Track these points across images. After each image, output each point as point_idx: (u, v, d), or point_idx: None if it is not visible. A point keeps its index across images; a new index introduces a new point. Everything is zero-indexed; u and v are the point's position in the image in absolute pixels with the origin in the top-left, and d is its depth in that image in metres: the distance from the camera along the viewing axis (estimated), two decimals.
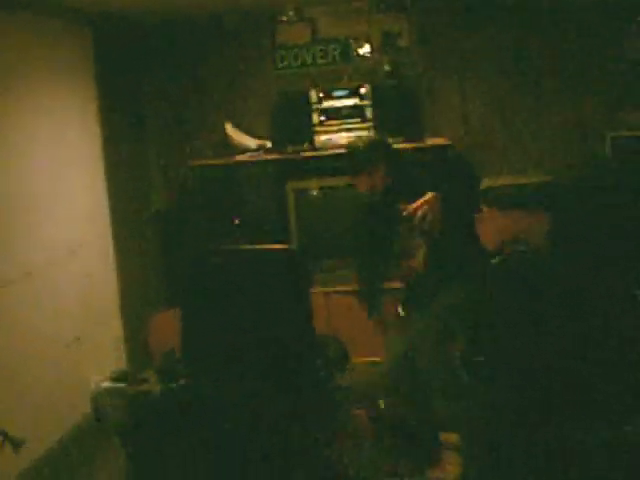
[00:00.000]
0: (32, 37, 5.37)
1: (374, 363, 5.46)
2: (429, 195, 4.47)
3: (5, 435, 3.93)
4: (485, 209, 6.36)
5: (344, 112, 6.73)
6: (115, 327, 6.29)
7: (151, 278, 6.94)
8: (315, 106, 6.76)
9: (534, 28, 6.80)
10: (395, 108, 6.69)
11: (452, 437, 4.69)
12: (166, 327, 5.93)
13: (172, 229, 6.97)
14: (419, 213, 4.46)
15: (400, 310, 5.09)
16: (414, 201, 4.49)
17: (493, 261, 4.61)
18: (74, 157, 5.84)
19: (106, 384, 5.82)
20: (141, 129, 7.02)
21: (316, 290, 5.97)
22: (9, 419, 4.20)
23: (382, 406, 5.04)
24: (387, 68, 6.88)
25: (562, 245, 4.04)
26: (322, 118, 6.76)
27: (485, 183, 6.42)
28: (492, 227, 6.06)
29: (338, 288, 6.43)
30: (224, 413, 4.49)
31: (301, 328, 4.65)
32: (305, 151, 6.73)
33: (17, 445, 3.99)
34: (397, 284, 5.21)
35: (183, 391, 4.56)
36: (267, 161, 6.87)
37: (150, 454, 4.27)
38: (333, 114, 6.74)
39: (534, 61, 6.84)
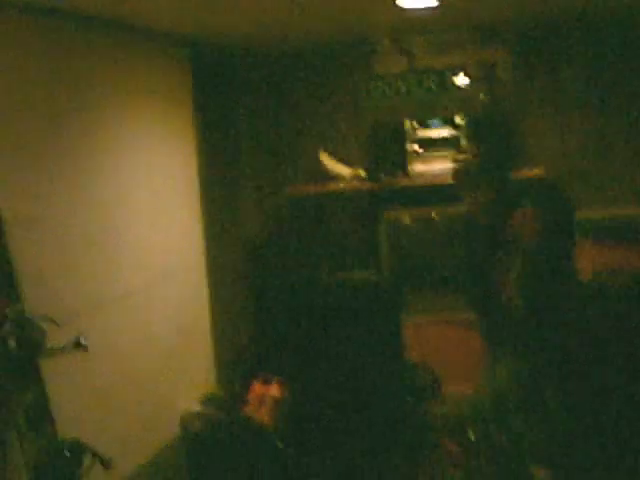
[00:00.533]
0: (135, 61, 5.48)
1: (465, 393, 5.40)
2: (524, 210, 4.45)
3: (95, 455, 3.96)
4: (580, 240, 6.29)
5: (438, 142, 6.71)
6: (207, 352, 6.33)
7: (244, 306, 6.97)
8: (410, 135, 6.75)
9: (633, 58, 6.70)
10: (490, 138, 6.65)
11: (546, 472, 4.62)
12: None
13: (266, 257, 7.00)
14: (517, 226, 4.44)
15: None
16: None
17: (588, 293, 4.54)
18: (172, 183, 5.92)
19: (196, 407, 5.88)
20: (236, 158, 7.08)
21: (409, 320, 5.93)
22: (100, 439, 4.23)
23: (472, 437, 4.97)
24: (482, 98, 6.84)
25: None
26: (416, 147, 6.75)
27: (581, 215, 6.34)
28: (587, 258, 5.98)
29: (430, 317, 6.39)
30: (311, 440, 4.49)
31: (389, 356, 4.63)
32: (399, 180, 6.72)
33: (107, 465, 4.02)
34: None
35: None
36: (360, 190, 6.86)
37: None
38: (427, 144, 6.73)
39: (633, 92, 6.74)
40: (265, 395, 4.54)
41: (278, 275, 6.90)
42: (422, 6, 5.35)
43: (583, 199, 6.53)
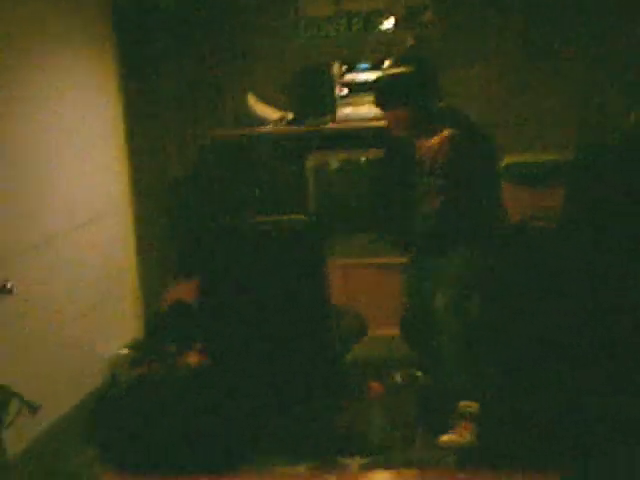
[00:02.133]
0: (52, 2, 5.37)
1: (391, 336, 5.45)
2: (444, 133, 4.45)
3: (22, 399, 3.94)
4: (507, 185, 6.35)
5: (367, 85, 6.69)
6: (134, 296, 6.31)
7: (169, 248, 6.93)
8: (338, 79, 6.73)
9: (558, 6, 6.74)
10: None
11: (469, 405, 4.70)
12: (185, 296, 5.93)
13: (190, 199, 6.96)
14: (431, 152, 4.45)
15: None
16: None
17: (514, 237, 4.60)
18: (95, 125, 5.84)
19: (123, 352, 5.87)
20: (161, 98, 7.00)
21: (334, 262, 5.95)
22: (26, 384, 4.21)
23: (398, 379, 5.04)
24: (410, 42, 6.83)
25: (577, 222, 4.02)
26: (344, 91, 6.73)
27: (505, 160, 6.40)
28: (511, 203, 6.05)
29: (357, 260, 6.41)
30: (237, 381, 4.51)
31: (316, 298, 4.65)
32: (326, 124, 6.71)
33: (34, 409, 4.01)
34: None
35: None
36: (288, 133, 6.84)
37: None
38: (355, 87, 6.71)
39: (558, 37, 6.78)
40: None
41: (203, 219, 6.87)
42: None
43: (507, 145, 6.63)
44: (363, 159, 6.63)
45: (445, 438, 4.44)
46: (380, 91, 4.87)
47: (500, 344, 4.23)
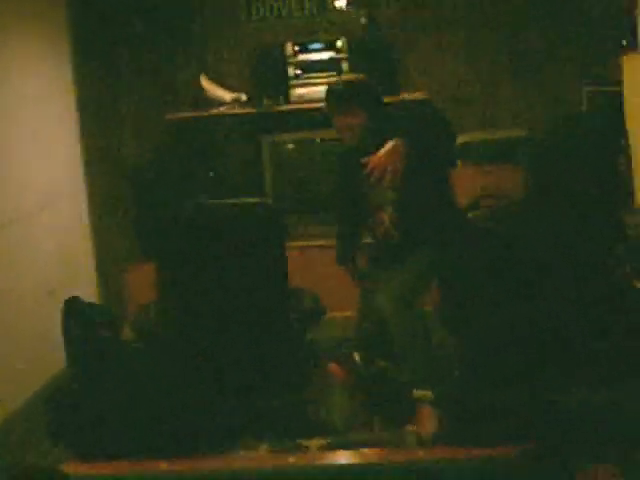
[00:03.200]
0: None
1: (349, 317, 5.47)
2: (390, 145, 4.33)
3: None
4: (461, 164, 6.39)
5: (320, 66, 6.69)
6: (90, 281, 6.28)
7: (126, 232, 6.91)
8: (291, 59, 6.72)
9: None
10: (371, 62, 6.65)
11: (427, 393, 4.73)
12: (141, 280, 5.92)
13: (146, 182, 6.94)
14: (380, 166, 4.35)
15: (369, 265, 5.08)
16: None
17: (468, 216, 4.62)
18: (48, 110, 5.79)
19: None
20: (115, 80, 6.95)
21: (291, 244, 5.95)
22: None
23: (357, 359, 5.05)
24: (364, 21, 6.83)
25: (537, 199, 4.04)
26: (298, 71, 6.73)
27: (461, 139, 6.43)
28: (467, 182, 6.08)
29: (313, 242, 6.43)
30: (195, 363, 4.51)
31: (275, 281, 4.65)
32: (280, 105, 6.70)
33: None
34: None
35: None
36: (242, 114, 6.83)
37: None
38: (309, 67, 6.71)
39: (510, 14, 6.82)
40: None
41: (158, 202, 6.85)
42: None
43: (464, 123, 6.66)
44: (318, 139, 6.64)
45: (408, 429, 4.47)
46: (333, 95, 4.74)
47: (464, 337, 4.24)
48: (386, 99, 6.30)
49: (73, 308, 4.34)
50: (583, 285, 3.75)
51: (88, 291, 6.23)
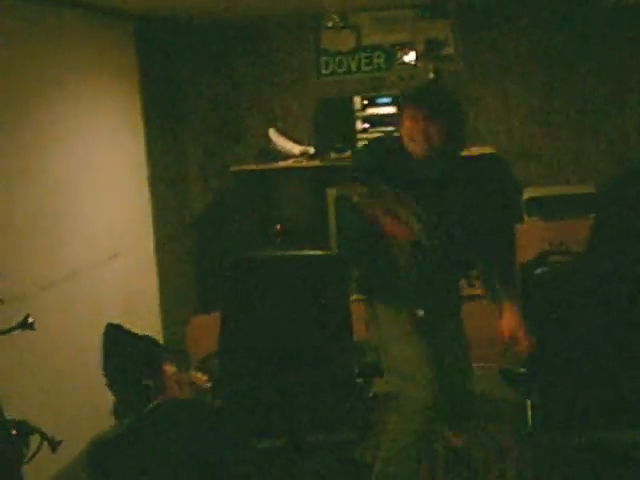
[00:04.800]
0: (79, 36, 5.41)
1: None
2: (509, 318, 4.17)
3: (42, 435, 3.93)
4: (527, 219, 6.34)
5: (387, 119, 6.71)
6: (154, 330, 6.29)
7: (190, 283, 6.95)
8: (359, 113, 6.75)
9: (579, 37, 6.75)
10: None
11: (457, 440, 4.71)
12: (204, 331, 5.93)
13: (211, 234, 6.99)
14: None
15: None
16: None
17: (536, 272, 4.56)
18: (119, 160, 5.87)
19: None
20: (182, 134, 7.04)
21: (356, 297, 5.93)
22: (47, 420, 4.20)
23: None
24: (431, 76, 6.85)
25: (603, 252, 4.00)
26: (365, 125, 6.75)
27: (528, 193, 6.39)
28: (534, 237, 6.04)
29: None
30: (257, 418, 4.50)
31: (339, 333, 4.64)
32: (348, 158, 6.71)
33: (54, 445, 3.99)
34: None
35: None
36: (309, 167, 6.86)
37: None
38: (376, 121, 6.73)
39: (576, 70, 6.80)
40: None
41: (223, 253, 6.89)
42: None
43: (530, 178, 6.63)
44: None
45: None
46: (426, 95, 4.32)
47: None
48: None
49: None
50: None
51: None
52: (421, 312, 4.38)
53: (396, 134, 4.40)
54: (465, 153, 6.26)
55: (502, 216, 4.47)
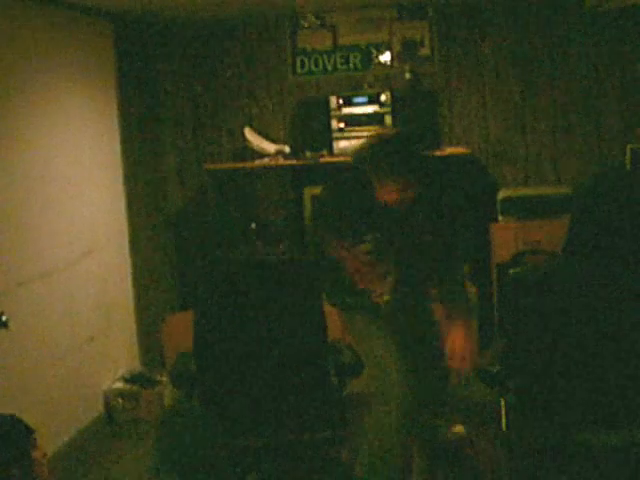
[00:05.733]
0: (57, 33, 5.39)
1: None
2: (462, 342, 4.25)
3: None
4: (502, 219, 6.37)
5: (363, 119, 6.72)
6: (129, 328, 6.29)
7: (166, 281, 6.94)
8: (334, 112, 6.76)
9: (552, 38, 6.79)
10: (414, 116, 6.69)
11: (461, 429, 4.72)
12: (180, 329, 5.93)
13: (186, 233, 6.99)
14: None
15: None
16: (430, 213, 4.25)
17: (511, 271, 4.58)
18: (94, 157, 5.85)
19: (119, 385, 5.85)
20: (159, 132, 7.02)
21: None
22: (22, 417, 4.18)
23: None
24: (408, 76, 6.86)
25: (579, 253, 4.01)
26: (341, 125, 6.76)
27: (503, 193, 6.42)
28: (508, 237, 6.06)
29: None
30: (234, 416, 4.50)
31: (314, 335, 4.64)
32: (323, 157, 6.73)
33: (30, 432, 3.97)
34: None
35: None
36: (285, 166, 6.87)
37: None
38: (352, 121, 6.74)
39: (552, 72, 6.83)
40: None
41: (199, 251, 6.90)
42: None
43: (505, 178, 6.66)
44: None
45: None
46: (387, 157, 4.08)
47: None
48: (428, 153, 6.37)
49: None
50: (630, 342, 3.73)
51: (127, 339, 6.25)
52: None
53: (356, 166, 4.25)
54: (439, 154, 6.36)
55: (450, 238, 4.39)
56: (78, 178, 5.58)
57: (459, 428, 4.95)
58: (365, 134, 6.46)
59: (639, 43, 6.67)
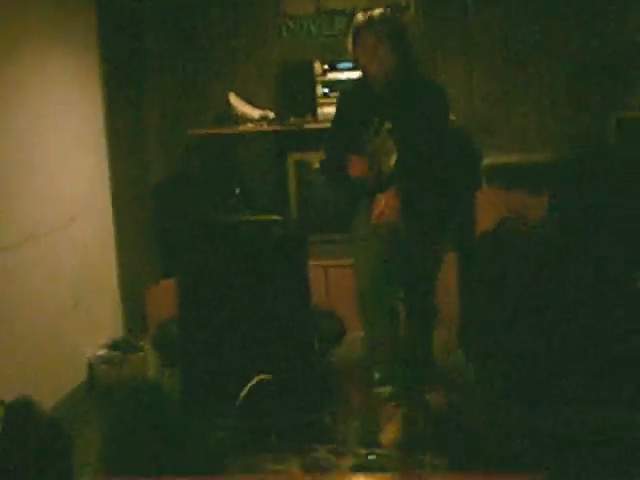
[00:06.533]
0: (36, 2, 5.34)
1: None
2: (388, 196, 4.48)
3: (1, 402, 3.92)
4: (486, 187, 6.37)
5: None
6: (113, 295, 6.28)
7: (150, 248, 6.92)
8: (319, 78, 6.73)
9: (538, 7, 6.77)
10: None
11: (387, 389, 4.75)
12: (163, 297, 5.92)
13: (171, 199, 6.96)
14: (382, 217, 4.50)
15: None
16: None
17: (492, 239, 4.60)
18: (76, 124, 5.81)
19: (102, 352, 5.85)
20: (142, 97, 6.98)
21: (315, 263, 5.93)
22: (5, 384, 4.20)
23: (377, 377, 5.03)
24: None
25: (560, 224, 4.03)
26: (326, 90, 6.73)
27: (487, 161, 6.41)
28: (493, 205, 6.06)
29: (337, 261, 6.40)
30: (218, 381, 4.51)
31: (297, 300, 4.65)
32: (308, 123, 6.70)
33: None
34: None
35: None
36: (269, 132, 6.84)
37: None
38: (337, 86, 6.70)
39: (538, 40, 6.81)
40: None
41: (183, 217, 6.88)
42: None
43: (491, 147, 6.65)
44: None
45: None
46: (361, 25, 4.63)
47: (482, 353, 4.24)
48: None
49: None
50: (598, 309, 3.75)
51: (111, 306, 6.24)
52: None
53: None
54: None
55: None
56: (61, 144, 5.54)
57: (440, 398, 4.94)
58: None
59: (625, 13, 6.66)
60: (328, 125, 6.29)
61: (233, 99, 6.88)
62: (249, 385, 4.39)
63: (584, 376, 3.79)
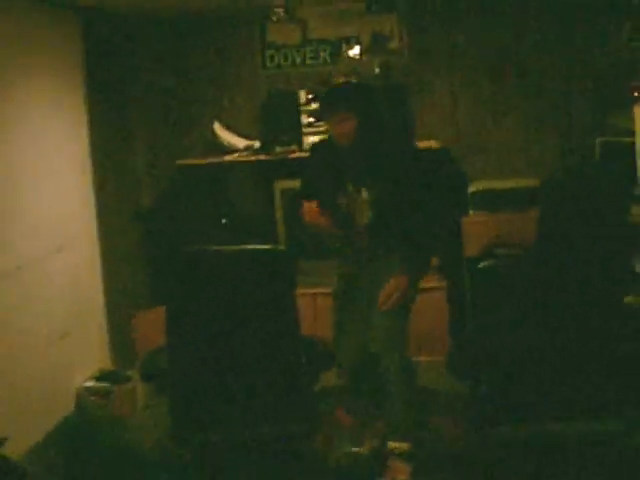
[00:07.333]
0: (25, 27, 5.35)
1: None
2: (398, 283, 4.65)
3: None
4: (473, 213, 6.38)
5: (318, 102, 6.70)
6: (100, 325, 6.26)
7: (137, 276, 6.91)
8: (304, 107, 6.75)
9: (522, 29, 6.82)
10: (384, 110, 6.68)
11: (403, 446, 4.73)
12: (151, 325, 5.90)
13: (157, 228, 6.95)
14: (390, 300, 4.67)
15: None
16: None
17: (479, 265, 4.60)
18: (62, 152, 5.81)
19: (90, 383, 5.82)
20: (129, 127, 6.99)
21: (303, 291, 5.93)
22: None
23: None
24: (377, 70, 6.87)
25: (549, 246, 4.04)
26: (311, 119, 6.75)
27: (474, 186, 6.42)
28: (479, 230, 6.08)
29: (326, 289, 6.39)
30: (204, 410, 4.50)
31: (286, 328, 4.64)
32: (293, 152, 6.72)
33: (0, 443, 3.96)
34: None
35: None
36: (255, 161, 6.85)
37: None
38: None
39: (522, 62, 6.85)
40: None
41: (170, 246, 6.86)
42: None
43: (478, 171, 6.67)
44: None
45: None
46: (327, 97, 4.92)
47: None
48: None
49: None
50: (590, 326, 3.76)
51: (98, 335, 6.22)
52: None
53: None
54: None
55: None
56: (46, 175, 5.54)
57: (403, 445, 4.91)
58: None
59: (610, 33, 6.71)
60: None
61: (218, 129, 6.89)
62: None
63: (574, 391, 3.80)
